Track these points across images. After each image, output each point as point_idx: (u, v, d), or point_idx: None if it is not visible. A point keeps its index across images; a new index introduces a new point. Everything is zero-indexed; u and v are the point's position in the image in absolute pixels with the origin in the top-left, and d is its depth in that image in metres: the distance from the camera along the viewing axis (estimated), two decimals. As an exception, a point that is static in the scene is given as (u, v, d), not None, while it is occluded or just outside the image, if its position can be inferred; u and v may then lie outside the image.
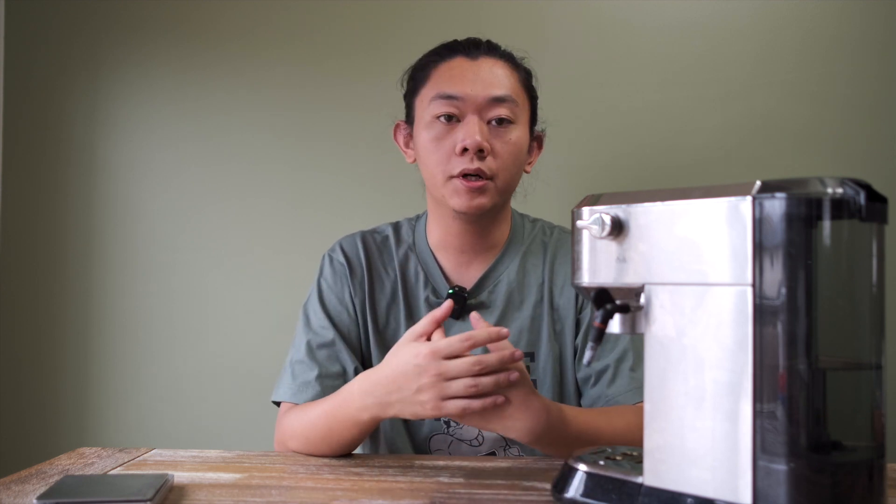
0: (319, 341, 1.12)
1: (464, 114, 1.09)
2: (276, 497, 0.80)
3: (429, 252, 1.19)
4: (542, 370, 1.13)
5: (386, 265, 1.18)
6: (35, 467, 0.92)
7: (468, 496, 0.80)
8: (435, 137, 1.10)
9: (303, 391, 1.08)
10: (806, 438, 0.61)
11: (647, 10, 1.61)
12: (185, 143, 1.69)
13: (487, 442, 1.12)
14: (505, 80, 1.11)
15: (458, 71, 1.10)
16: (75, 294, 1.70)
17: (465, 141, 1.06)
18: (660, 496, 0.68)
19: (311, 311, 1.16)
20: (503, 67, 1.12)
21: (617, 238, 0.71)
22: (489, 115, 1.09)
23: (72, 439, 1.67)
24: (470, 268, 1.18)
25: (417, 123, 1.14)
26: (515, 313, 1.15)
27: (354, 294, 1.16)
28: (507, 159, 1.09)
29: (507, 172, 1.10)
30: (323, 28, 1.67)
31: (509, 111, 1.09)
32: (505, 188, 1.11)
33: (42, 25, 1.71)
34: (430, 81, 1.12)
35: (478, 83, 1.09)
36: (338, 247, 1.19)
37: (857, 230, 0.62)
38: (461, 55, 1.12)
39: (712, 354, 0.65)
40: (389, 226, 1.23)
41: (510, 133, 1.10)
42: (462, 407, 0.84)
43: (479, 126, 1.07)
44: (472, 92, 1.08)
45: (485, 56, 1.12)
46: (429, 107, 1.10)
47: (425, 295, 1.16)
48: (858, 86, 1.56)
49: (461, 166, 1.07)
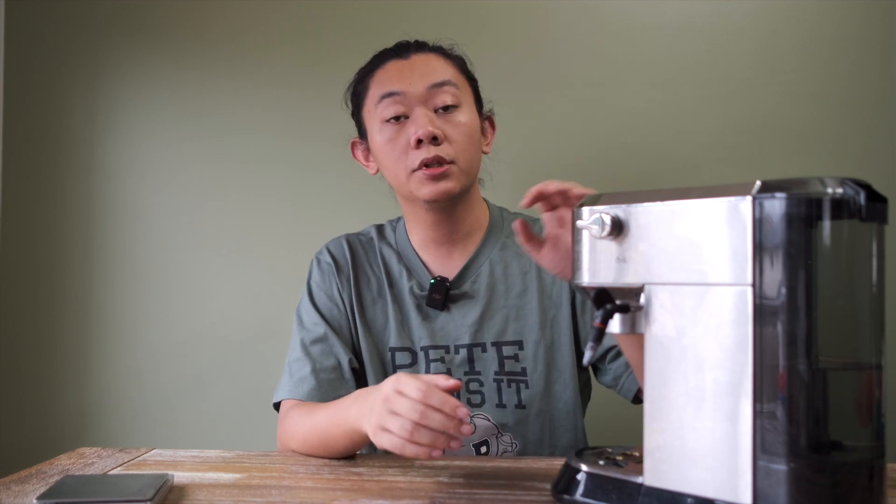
0: (312, 337, 1.15)
1: (410, 109, 1.12)
2: (276, 497, 0.80)
3: (411, 249, 1.22)
4: (531, 358, 1.15)
5: (371, 263, 1.22)
6: (35, 467, 0.92)
7: (468, 496, 0.80)
8: (389, 139, 1.13)
9: (299, 386, 1.11)
10: (806, 438, 0.61)
11: (647, 10, 1.61)
12: (185, 142, 1.69)
13: (479, 430, 1.14)
14: (440, 69, 1.15)
15: (394, 71, 1.15)
16: (75, 294, 1.70)
17: (417, 133, 1.09)
18: (660, 496, 0.68)
19: (304, 311, 1.20)
20: (436, 59, 1.16)
21: (617, 238, 0.71)
22: (434, 104, 1.12)
23: (72, 439, 1.67)
24: (451, 259, 1.20)
25: (370, 133, 1.17)
26: (499, 302, 1.17)
27: (342, 290, 1.19)
28: (462, 142, 1.12)
29: (466, 154, 1.13)
30: (322, 28, 1.67)
31: (452, 96, 1.13)
32: (468, 169, 1.14)
33: (42, 25, 1.71)
34: (371, 89, 1.17)
35: (415, 76, 1.13)
36: (324, 249, 1.24)
37: (857, 230, 0.62)
38: (393, 58, 1.17)
39: (712, 354, 0.65)
40: (373, 227, 1.27)
41: (458, 116, 1.13)
42: (392, 444, 0.83)
43: (427, 116, 1.11)
44: (411, 87, 1.12)
45: (416, 53, 1.17)
46: (376, 112, 1.14)
47: (410, 287, 1.19)
48: (858, 86, 1.56)
49: (419, 158, 1.10)
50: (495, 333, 1.16)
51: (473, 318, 1.16)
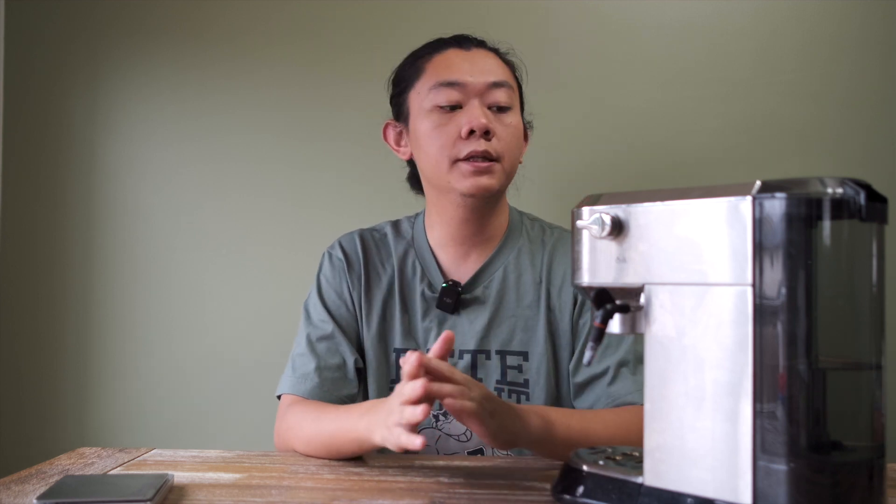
0: (319, 334, 1.15)
1: (465, 100, 1.11)
2: (276, 497, 0.80)
3: (427, 247, 1.20)
4: (535, 370, 1.13)
5: (384, 261, 1.20)
6: (35, 467, 0.92)
7: (468, 496, 0.80)
8: (437, 125, 1.11)
9: (302, 382, 1.10)
10: (806, 438, 0.61)
11: (647, 10, 1.61)
12: (185, 142, 1.69)
13: (475, 438, 1.12)
14: (499, 69, 1.14)
15: (455, 60, 1.13)
16: (75, 293, 1.70)
17: (471, 123, 1.08)
18: (660, 496, 0.68)
19: (311, 307, 1.19)
20: (494, 58, 1.16)
21: (617, 238, 0.71)
22: (489, 101, 1.11)
23: (72, 439, 1.67)
24: (467, 261, 1.19)
25: (414, 117, 1.15)
26: (508, 311, 1.15)
27: (352, 288, 1.18)
28: (510, 142, 1.12)
29: (511, 154, 1.13)
30: (322, 28, 1.67)
31: (507, 97, 1.12)
32: (510, 170, 1.14)
33: (42, 25, 1.71)
34: (426, 74, 1.14)
35: (476, 70, 1.12)
36: (337, 244, 1.22)
37: (857, 230, 0.62)
38: (454, 47, 1.15)
39: (712, 354, 0.65)
40: (389, 223, 1.25)
41: (510, 118, 1.13)
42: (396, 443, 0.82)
43: (482, 109, 1.10)
44: (471, 78, 1.11)
45: (476, 48, 1.16)
46: (428, 97, 1.12)
47: (421, 289, 1.17)
48: (858, 86, 1.56)
49: (468, 149, 1.09)
50: (501, 342, 1.14)
51: (481, 325, 1.15)
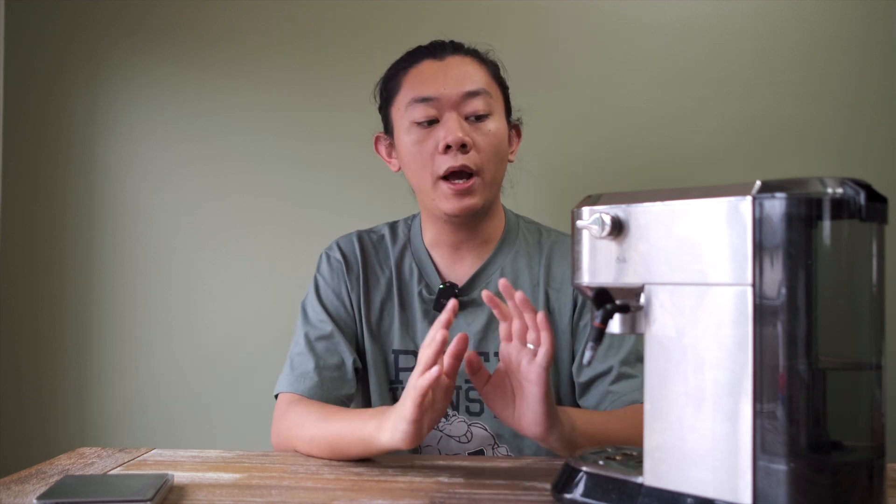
0: (317, 334, 1.15)
1: (441, 113, 1.10)
2: (276, 497, 0.80)
3: (423, 249, 1.20)
4: None
5: (381, 262, 1.20)
6: (35, 467, 0.92)
7: (468, 496, 0.80)
8: (416, 141, 1.11)
9: (301, 381, 1.10)
10: (806, 438, 0.61)
11: (647, 10, 1.61)
12: (185, 142, 1.69)
13: (476, 440, 1.13)
14: (475, 75, 1.12)
15: (428, 73, 1.12)
16: (75, 294, 1.70)
17: (446, 138, 1.08)
18: (660, 496, 0.68)
19: (310, 307, 1.19)
20: (471, 63, 1.14)
21: (617, 238, 0.71)
22: (466, 111, 1.10)
23: (72, 439, 1.67)
24: (462, 263, 1.19)
25: (397, 132, 1.15)
26: None
27: (351, 289, 1.18)
28: (489, 152, 1.11)
29: (492, 165, 1.12)
30: (322, 28, 1.67)
31: (485, 104, 1.11)
32: (492, 181, 1.13)
33: (42, 25, 1.71)
34: (403, 89, 1.14)
35: (449, 81, 1.10)
36: (335, 245, 1.22)
37: (857, 230, 0.62)
38: (428, 58, 1.14)
39: (712, 354, 0.65)
40: (386, 225, 1.25)
41: (489, 125, 1.11)
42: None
43: (458, 122, 1.09)
44: (445, 91, 1.10)
45: (451, 55, 1.14)
46: (406, 113, 1.12)
47: (419, 290, 1.18)
48: (858, 86, 1.56)
49: (446, 164, 1.08)
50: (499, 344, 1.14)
51: (479, 327, 1.15)
